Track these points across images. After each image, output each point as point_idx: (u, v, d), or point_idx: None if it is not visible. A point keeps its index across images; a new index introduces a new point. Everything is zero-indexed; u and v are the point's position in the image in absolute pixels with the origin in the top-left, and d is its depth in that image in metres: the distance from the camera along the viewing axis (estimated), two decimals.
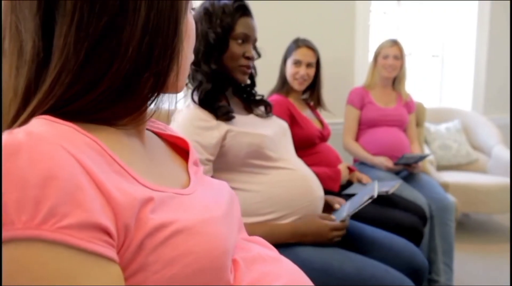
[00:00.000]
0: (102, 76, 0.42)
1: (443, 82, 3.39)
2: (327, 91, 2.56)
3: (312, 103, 1.88)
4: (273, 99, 1.68)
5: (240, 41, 1.11)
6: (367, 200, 1.11)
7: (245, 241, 0.57)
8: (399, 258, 1.15)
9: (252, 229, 1.06)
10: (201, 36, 1.10)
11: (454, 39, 3.31)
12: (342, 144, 2.22)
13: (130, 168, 0.42)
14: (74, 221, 0.32)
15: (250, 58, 1.12)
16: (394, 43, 2.18)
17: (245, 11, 1.12)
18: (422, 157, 1.96)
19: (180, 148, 0.64)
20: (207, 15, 1.10)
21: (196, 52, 1.11)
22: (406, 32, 3.23)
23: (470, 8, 3.17)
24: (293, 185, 1.11)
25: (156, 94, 0.47)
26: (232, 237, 0.48)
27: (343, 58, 2.70)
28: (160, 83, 0.46)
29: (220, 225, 0.45)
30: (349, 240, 1.21)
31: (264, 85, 1.83)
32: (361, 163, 2.17)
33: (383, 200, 1.65)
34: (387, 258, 1.14)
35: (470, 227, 2.92)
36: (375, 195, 1.12)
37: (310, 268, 0.99)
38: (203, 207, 0.47)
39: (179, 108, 1.15)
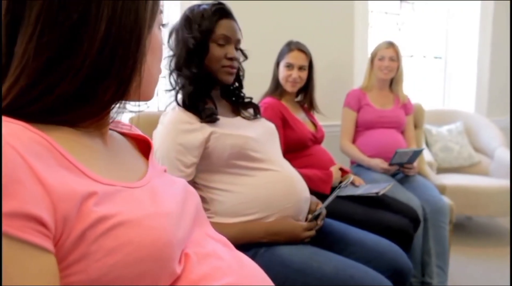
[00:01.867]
0: (58, 83, 0.45)
1: (446, 84, 3.37)
2: (326, 93, 2.58)
3: (306, 106, 1.89)
4: (266, 101, 1.70)
5: (220, 43, 1.14)
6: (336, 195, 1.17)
7: (206, 237, 0.60)
8: (382, 259, 1.16)
9: (226, 228, 1.09)
10: (182, 43, 1.13)
11: (457, 41, 3.28)
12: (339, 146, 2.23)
13: (81, 163, 0.45)
14: (6, 210, 0.35)
15: (232, 59, 1.14)
16: (390, 44, 2.19)
17: (224, 14, 1.14)
18: (416, 152, 1.95)
19: (146, 145, 0.67)
20: (187, 22, 1.14)
21: (178, 58, 1.15)
22: (408, 33, 3.22)
23: (473, 9, 3.15)
24: (277, 186, 1.13)
25: (117, 102, 0.51)
26: (180, 231, 0.51)
27: (342, 60, 2.71)
28: (121, 92, 0.50)
29: (164, 219, 0.48)
30: (332, 240, 1.23)
31: (262, 87, 1.87)
32: (358, 165, 2.17)
33: (375, 201, 1.66)
34: (370, 259, 1.15)
35: (472, 230, 2.90)
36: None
37: (289, 268, 1.03)
38: (150, 201, 0.50)
39: (166, 111, 1.18)
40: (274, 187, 1.13)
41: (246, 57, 1.29)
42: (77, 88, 0.46)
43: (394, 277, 1.15)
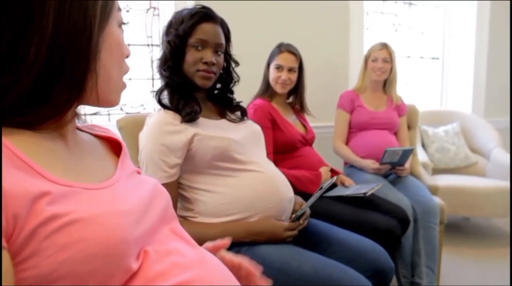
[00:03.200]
0: (13, 84, 0.47)
1: (444, 85, 3.37)
2: (321, 95, 2.59)
3: (297, 107, 1.90)
4: (256, 103, 1.72)
5: (197, 47, 1.15)
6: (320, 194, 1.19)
7: (172, 235, 0.62)
8: (364, 259, 1.17)
9: (209, 228, 1.11)
10: (163, 47, 1.16)
11: (454, 42, 3.28)
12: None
13: (37, 165, 0.47)
14: None
15: (208, 63, 1.15)
16: (384, 46, 2.19)
17: (203, 17, 1.16)
18: (406, 151, 1.95)
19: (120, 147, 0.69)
20: (168, 27, 1.17)
21: (159, 61, 1.18)
22: (405, 34, 3.22)
23: (469, 10, 3.14)
24: (259, 187, 1.15)
25: (72, 103, 0.52)
26: (138, 229, 0.52)
27: (337, 61, 2.72)
28: (75, 93, 0.51)
29: (120, 217, 0.50)
30: (316, 240, 1.24)
31: (256, 89, 1.88)
32: (350, 166, 2.18)
33: (364, 202, 1.67)
34: (352, 259, 1.17)
35: (469, 231, 2.89)
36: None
37: (269, 267, 1.03)
38: (110, 201, 0.52)
39: (152, 113, 1.20)
40: (257, 188, 1.14)
41: (236, 63, 1.30)
42: (32, 88, 0.48)
43: (376, 276, 1.16)
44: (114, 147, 0.69)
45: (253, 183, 1.15)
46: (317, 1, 2.57)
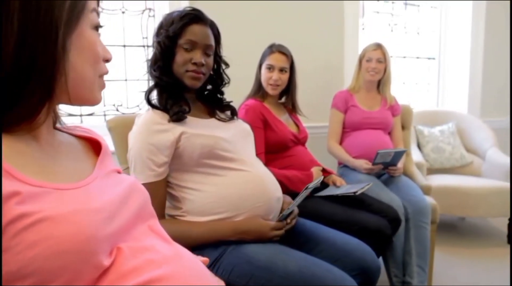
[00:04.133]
0: None
1: (440, 85, 3.37)
2: (316, 95, 2.61)
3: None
4: (248, 103, 1.73)
5: (186, 48, 1.17)
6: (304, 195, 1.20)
7: (149, 232, 0.63)
8: (350, 258, 1.18)
9: (196, 227, 1.12)
10: (154, 48, 1.17)
11: (450, 42, 3.28)
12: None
13: (9, 166, 0.48)
14: None
15: (197, 64, 1.17)
16: (378, 46, 2.20)
17: (193, 19, 1.17)
18: (398, 153, 1.96)
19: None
20: (159, 28, 1.19)
21: (149, 62, 1.20)
22: (401, 34, 3.23)
23: (465, 10, 3.15)
24: (246, 186, 1.16)
25: (43, 104, 0.53)
26: (110, 226, 0.54)
27: (332, 61, 2.73)
28: (45, 95, 0.53)
29: (91, 215, 0.51)
30: (303, 239, 1.26)
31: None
32: (344, 166, 2.20)
33: (356, 202, 1.68)
34: (338, 258, 1.18)
35: (465, 231, 2.90)
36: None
37: (255, 266, 1.05)
38: (82, 199, 0.53)
39: (141, 113, 1.22)
40: (244, 187, 1.16)
41: (226, 64, 1.32)
42: (2, 91, 0.49)
43: (362, 275, 1.17)
44: (96, 147, 0.71)
45: (240, 182, 1.16)
46: (311, 2, 2.58)
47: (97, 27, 0.60)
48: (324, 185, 1.79)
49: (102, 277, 0.51)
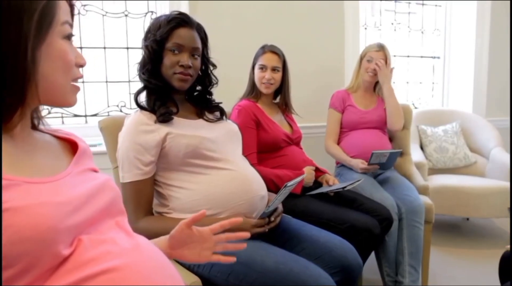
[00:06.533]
0: None
1: (445, 84, 3.34)
2: (316, 94, 2.63)
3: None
4: (240, 104, 1.77)
5: (174, 51, 1.21)
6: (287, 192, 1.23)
7: (115, 227, 0.68)
8: (331, 255, 1.21)
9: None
10: (142, 51, 1.22)
11: (455, 40, 3.25)
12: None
13: None
14: None
15: (184, 66, 1.22)
16: (380, 47, 2.20)
17: (180, 23, 1.22)
18: (394, 153, 1.97)
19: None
20: (147, 32, 1.23)
21: (139, 64, 1.24)
22: (405, 33, 3.21)
23: (469, 9, 3.11)
24: (230, 184, 1.20)
25: (16, 109, 0.59)
26: (72, 219, 0.58)
27: (333, 61, 2.74)
28: (16, 101, 0.58)
29: (54, 207, 0.56)
30: (287, 237, 1.29)
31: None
32: (341, 166, 2.21)
33: (347, 201, 1.70)
34: (319, 255, 1.21)
35: (469, 232, 2.87)
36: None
37: (236, 261, 1.09)
38: (49, 193, 0.58)
39: (130, 114, 1.27)
40: (228, 185, 1.19)
41: (214, 65, 1.36)
42: None
43: (342, 272, 1.19)
44: (76, 149, 0.76)
45: (224, 181, 1.20)
46: (312, 2, 2.60)
47: (69, 36, 0.65)
48: (317, 184, 1.81)
49: (61, 265, 0.56)
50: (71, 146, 0.75)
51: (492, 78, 3.18)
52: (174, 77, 1.23)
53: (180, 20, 1.22)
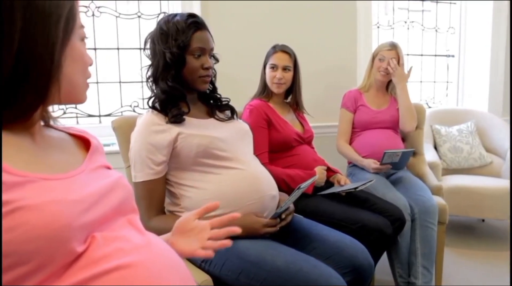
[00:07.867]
0: None
1: (460, 83, 3.29)
2: (329, 93, 2.61)
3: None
4: (252, 104, 1.77)
5: (197, 55, 1.23)
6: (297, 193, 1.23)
7: (127, 225, 0.69)
8: (342, 255, 1.20)
9: None
10: (159, 55, 1.22)
11: (470, 38, 3.19)
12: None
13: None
14: None
15: (208, 68, 1.24)
16: (393, 46, 2.17)
17: (198, 26, 1.22)
18: (406, 153, 1.95)
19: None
20: (163, 35, 1.22)
21: (155, 69, 1.25)
22: (419, 31, 3.17)
23: (486, 7, 3.05)
24: (240, 184, 1.20)
25: (37, 107, 0.61)
26: (86, 216, 0.59)
27: (345, 60, 2.72)
28: (39, 98, 0.60)
29: (69, 206, 0.57)
30: (298, 237, 1.29)
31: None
32: (353, 165, 2.20)
33: (359, 201, 1.69)
34: (330, 255, 1.21)
35: (484, 233, 2.82)
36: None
37: (245, 260, 1.10)
38: (64, 190, 0.59)
39: (142, 114, 1.29)
40: (238, 185, 1.20)
41: (217, 60, 1.37)
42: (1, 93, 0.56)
43: (354, 273, 1.19)
44: (89, 146, 0.77)
45: (234, 180, 1.21)
46: (323, 1, 2.59)
47: (83, 39, 0.68)
48: (329, 184, 1.80)
49: (75, 262, 0.57)
50: (83, 143, 0.77)
51: (509, 76, 3.11)
52: (199, 80, 1.25)
53: (198, 24, 1.23)
